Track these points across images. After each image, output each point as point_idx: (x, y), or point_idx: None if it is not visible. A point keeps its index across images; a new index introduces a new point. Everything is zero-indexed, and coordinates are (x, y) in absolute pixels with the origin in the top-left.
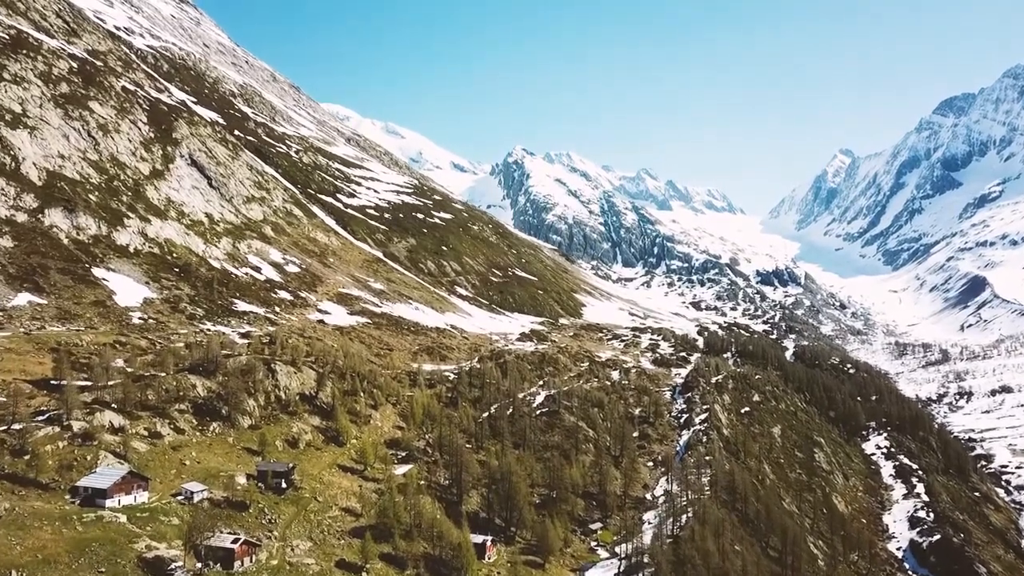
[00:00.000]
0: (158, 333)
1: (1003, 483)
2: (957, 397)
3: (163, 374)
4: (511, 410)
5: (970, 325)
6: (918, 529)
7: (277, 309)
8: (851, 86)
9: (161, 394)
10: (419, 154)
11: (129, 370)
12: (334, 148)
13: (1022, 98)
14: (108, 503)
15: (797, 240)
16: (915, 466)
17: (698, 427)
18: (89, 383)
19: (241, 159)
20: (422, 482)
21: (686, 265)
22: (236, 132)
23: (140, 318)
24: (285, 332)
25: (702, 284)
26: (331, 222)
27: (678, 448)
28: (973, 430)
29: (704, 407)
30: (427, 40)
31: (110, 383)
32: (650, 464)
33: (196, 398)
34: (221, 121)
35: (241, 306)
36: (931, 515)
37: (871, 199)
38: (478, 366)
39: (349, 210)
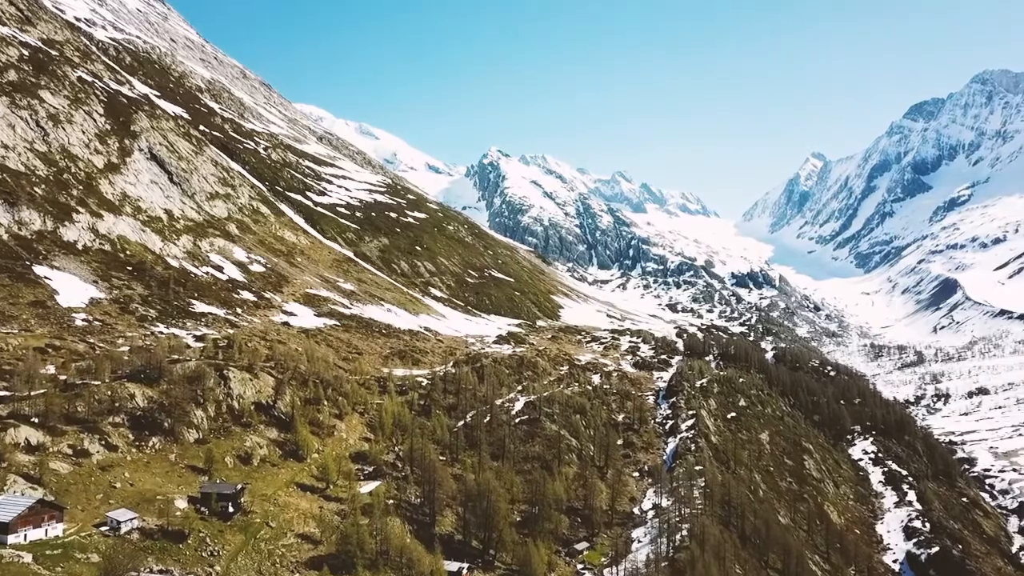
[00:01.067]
0: (102, 336)
1: (987, 487)
2: (935, 399)
3: (97, 382)
4: (489, 418)
5: (943, 327)
6: (914, 540)
7: (239, 310)
8: (823, 91)
9: (93, 405)
10: (393, 155)
11: (62, 377)
12: (305, 146)
13: (990, 103)
14: (11, 539)
15: (771, 243)
16: (904, 472)
17: (685, 434)
18: (6, 393)
19: (206, 154)
20: (390, 501)
21: (661, 267)
22: (201, 127)
23: (84, 320)
24: (246, 335)
25: (678, 286)
26: (300, 220)
27: (665, 457)
28: (953, 432)
29: (690, 412)
30: (402, 41)
31: (32, 393)
32: (636, 475)
33: (134, 409)
34: (186, 116)
35: (199, 307)
36: (927, 525)
37: (843, 202)
38: (453, 371)
39: (319, 208)
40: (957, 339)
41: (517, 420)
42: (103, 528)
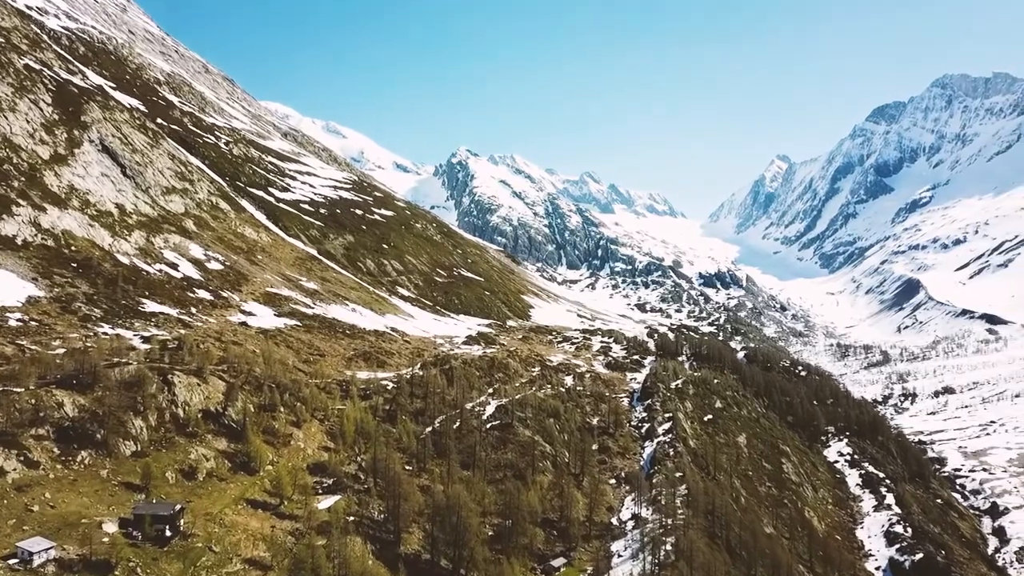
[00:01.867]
0: (36, 338)
1: (959, 487)
2: (902, 399)
3: (20, 389)
4: (458, 424)
5: (906, 326)
6: (897, 546)
7: (194, 310)
8: (788, 94)
9: (13, 416)
10: (361, 154)
11: None
12: (269, 142)
13: (949, 107)
14: None
15: (737, 243)
16: (881, 474)
17: (662, 438)
18: None
19: (162, 148)
20: (351, 518)
21: (630, 267)
22: (159, 120)
23: (19, 320)
24: (199, 336)
25: (646, 286)
26: (261, 217)
27: (643, 463)
28: (922, 432)
29: (666, 415)
30: (370, 40)
31: None
32: (612, 482)
33: (62, 420)
34: (142, 108)
35: (150, 306)
36: (908, 530)
37: (807, 204)
38: (421, 373)
39: (282, 205)
40: (921, 339)
41: (488, 425)
42: (12, 561)
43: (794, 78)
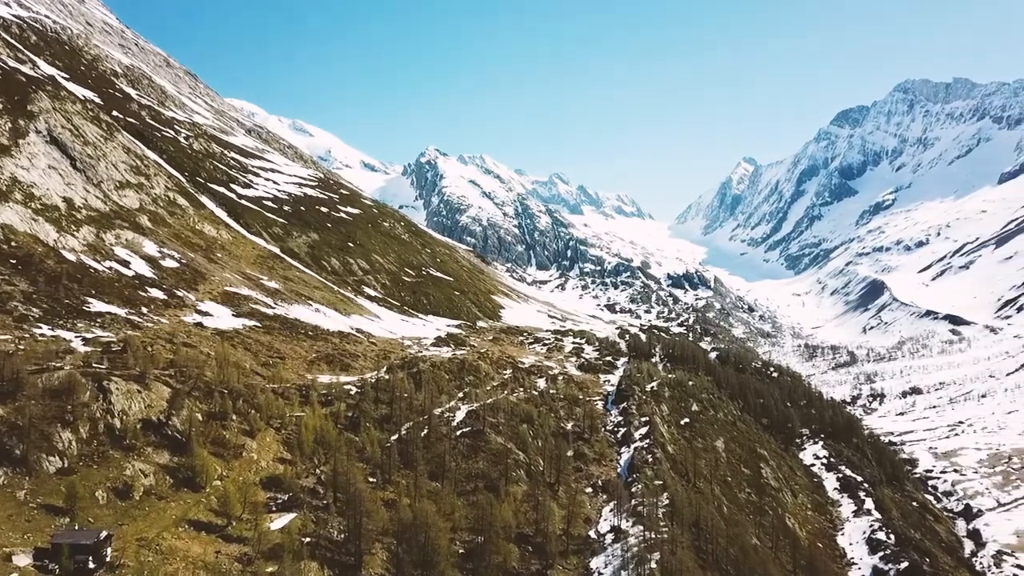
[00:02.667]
0: None
1: (931, 489)
2: (870, 399)
3: None
4: (426, 431)
5: (872, 327)
6: (880, 554)
7: (145, 310)
8: (754, 97)
9: None
10: (328, 152)
11: None
12: (232, 138)
13: (911, 111)
14: None
15: (704, 245)
16: (859, 478)
17: (639, 443)
18: None
19: (117, 141)
20: (307, 539)
21: (599, 268)
22: (115, 113)
23: None
24: (148, 337)
25: (616, 287)
26: (222, 214)
27: (620, 470)
28: (892, 433)
29: (643, 419)
30: (338, 38)
31: None
32: (589, 490)
33: None
34: (97, 100)
35: (97, 306)
36: (891, 537)
37: (774, 206)
38: (387, 377)
39: (243, 201)
40: (886, 339)
41: (459, 432)
42: None
43: (760, 82)
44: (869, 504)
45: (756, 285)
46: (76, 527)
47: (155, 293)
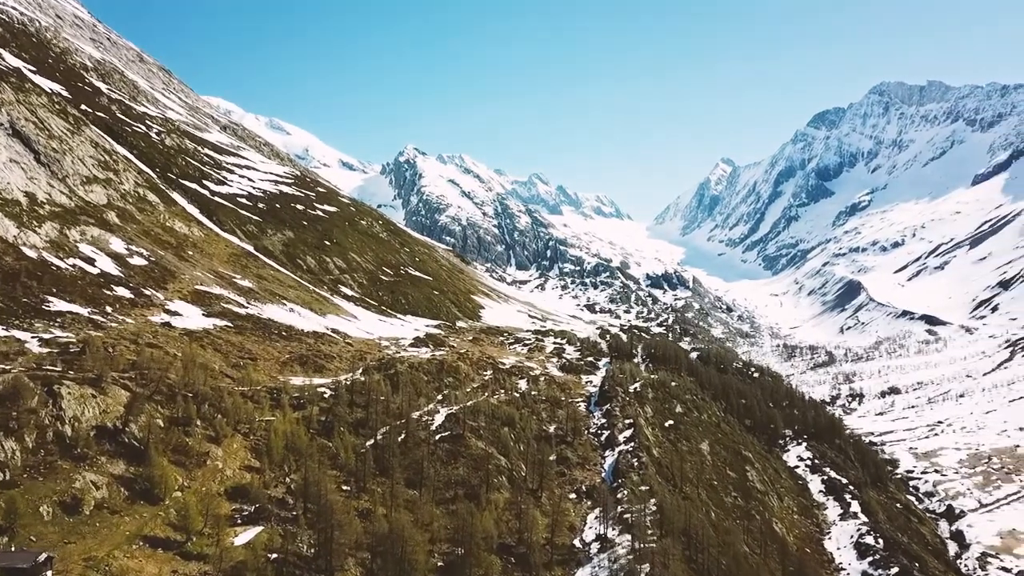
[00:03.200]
0: None
1: (912, 489)
2: (849, 399)
3: None
4: (404, 436)
5: (849, 327)
6: (869, 559)
7: (109, 309)
8: (733, 99)
9: None
10: (306, 151)
11: None
12: (206, 134)
13: (887, 114)
14: None
15: (682, 245)
16: (844, 480)
17: (623, 447)
18: None
19: (84, 135)
20: (274, 555)
21: (578, 268)
22: (83, 106)
23: None
24: (112, 338)
25: (595, 287)
26: (194, 211)
27: (604, 475)
28: (872, 433)
29: (627, 421)
30: (316, 36)
31: None
32: (573, 496)
33: None
34: (65, 94)
35: (58, 305)
36: (879, 541)
37: (751, 206)
38: (362, 379)
39: (217, 198)
40: (863, 339)
41: (437, 437)
42: None
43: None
44: (855, 507)
45: (734, 285)
46: (13, 548)
47: (121, 292)
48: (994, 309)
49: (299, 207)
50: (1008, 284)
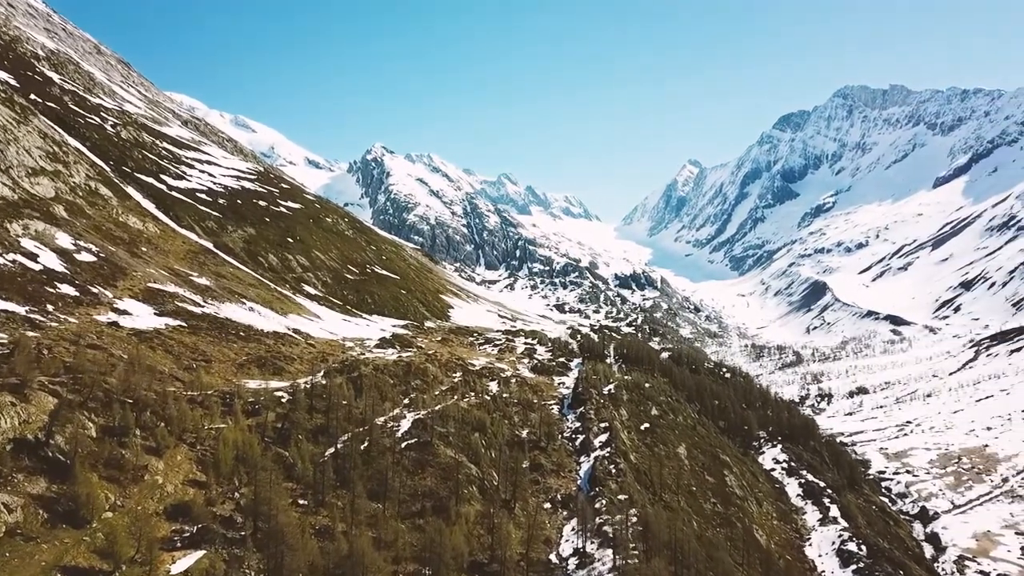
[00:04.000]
0: None
1: (885, 491)
2: (819, 399)
3: None
4: (367, 444)
5: (815, 327)
6: (853, 567)
7: (50, 308)
8: (699, 100)
9: None
10: (271, 149)
11: None
12: (166, 128)
13: (850, 117)
14: None
15: (650, 246)
16: (821, 483)
17: (600, 452)
18: None
19: (32, 125)
20: None
21: (548, 268)
22: (32, 96)
23: None
24: (50, 339)
25: (564, 287)
26: (150, 205)
27: (580, 482)
28: (843, 433)
29: (602, 424)
30: (282, 33)
31: None
32: (548, 506)
33: None
34: (13, 82)
35: None
36: (862, 548)
37: (718, 208)
38: (323, 382)
39: (174, 193)
40: (829, 339)
41: (403, 445)
42: None
43: (706, 86)
44: (834, 511)
45: (701, 286)
46: None
47: (65, 289)
48: (956, 309)
49: (262, 203)
50: (970, 285)
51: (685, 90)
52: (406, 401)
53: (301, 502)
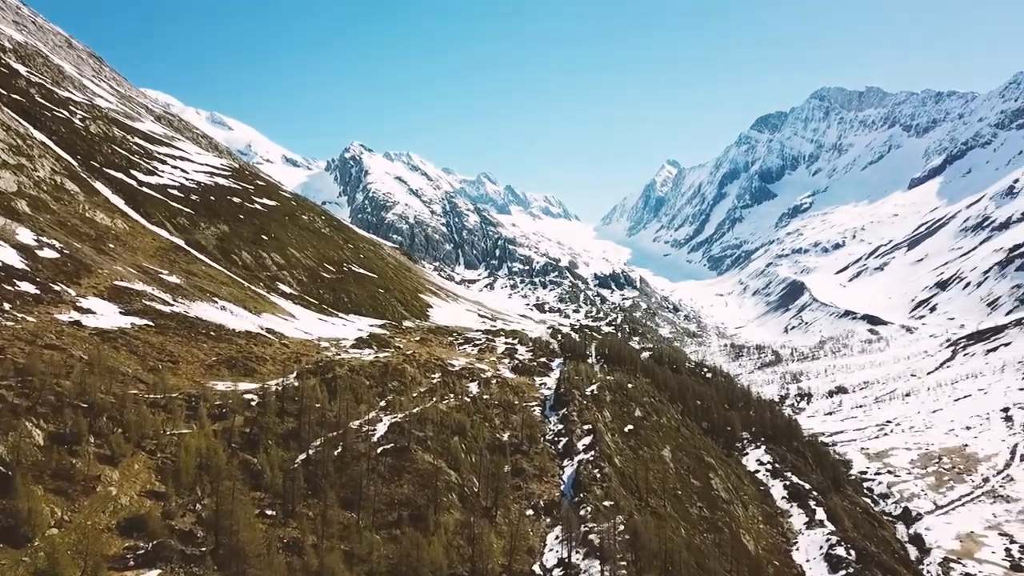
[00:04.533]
0: None
1: (867, 491)
2: (798, 399)
3: None
4: (340, 449)
5: (793, 327)
6: (843, 572)
7: (7, 306)
8: (677, 101)
9: None
10: (248, 147)
11: None
12: (138, 123)
13: (827, 118)
14: None
15: (628, 246)
16: (807, 485)
17: (583, 456)
18: None
19: None
20: None
21: (527, 267)
22: None
23: None
24: (5, 339)
25: (544, 286)
26: (119, 201)
27: (564, 488)
28: (823, 433)
29: (585, 427)
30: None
31: None
32: (531, 513)
33: None
34: None
35: None
36: (852, 552)
37: (696, 208)
38: (296, 383)
39: (145, 189)
40: (807, 339)
41: (379, 450)
42: None
43: (684, 86)
44: (821, 514)
45: (680, 285)
46: None
47: (25, 287)
48: (932, 309)
49: (236, 200)
50: (945, 284)
51: (664, 91)
52: (383, 404)
53: (269, 513)
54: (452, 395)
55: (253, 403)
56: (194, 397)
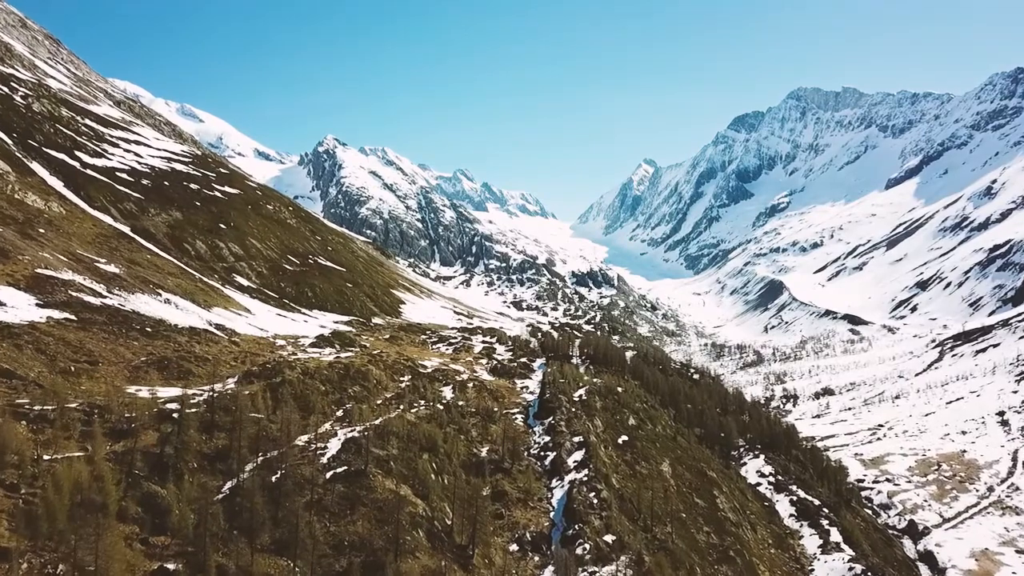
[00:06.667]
0: None
1: (865, 500)
2: (784, 400)
3: None
4: (280, 473)
5: (773, 327)
6: None
7: None
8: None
9: None
10: (219, 139)
11: None
12: (93, 107)
13: (804, 118)
14: None
15: (606, 244)
16: (816, 501)
17: (575, 474)
18: None
19: None
20: None
21: (504, 265)
22: None
23: None
24: None
25: (521, 284)
26: (57, 183)
27: (554, 515)
28: (814, 437)
29: (576, 439)
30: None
31: None
32: (514, 548)
33: None
34: None
35: None
36: None
37: (673, 207)
38: (232, 389)
39: (89, 171)
40: (788, 338)
41: (329, 475)
42: None
43: (661, 85)
44: (835, 535)
45: (657, 284)
46: None
47: None
48: (913, 309)
49: (193, 186)
50: (925, 285)
51: (641, 90)
52: (339, 413)
53: (168, 568)
54: (423, 401)
55: (175, 415)
56: (96, 408)
